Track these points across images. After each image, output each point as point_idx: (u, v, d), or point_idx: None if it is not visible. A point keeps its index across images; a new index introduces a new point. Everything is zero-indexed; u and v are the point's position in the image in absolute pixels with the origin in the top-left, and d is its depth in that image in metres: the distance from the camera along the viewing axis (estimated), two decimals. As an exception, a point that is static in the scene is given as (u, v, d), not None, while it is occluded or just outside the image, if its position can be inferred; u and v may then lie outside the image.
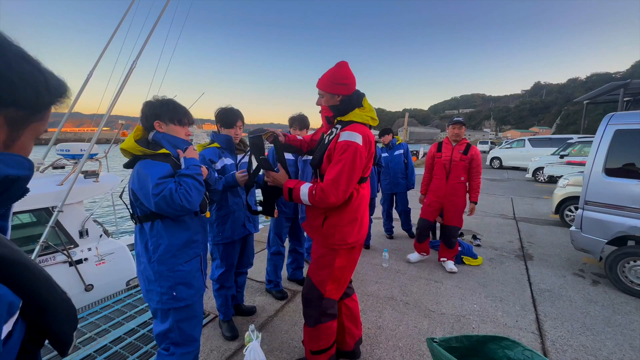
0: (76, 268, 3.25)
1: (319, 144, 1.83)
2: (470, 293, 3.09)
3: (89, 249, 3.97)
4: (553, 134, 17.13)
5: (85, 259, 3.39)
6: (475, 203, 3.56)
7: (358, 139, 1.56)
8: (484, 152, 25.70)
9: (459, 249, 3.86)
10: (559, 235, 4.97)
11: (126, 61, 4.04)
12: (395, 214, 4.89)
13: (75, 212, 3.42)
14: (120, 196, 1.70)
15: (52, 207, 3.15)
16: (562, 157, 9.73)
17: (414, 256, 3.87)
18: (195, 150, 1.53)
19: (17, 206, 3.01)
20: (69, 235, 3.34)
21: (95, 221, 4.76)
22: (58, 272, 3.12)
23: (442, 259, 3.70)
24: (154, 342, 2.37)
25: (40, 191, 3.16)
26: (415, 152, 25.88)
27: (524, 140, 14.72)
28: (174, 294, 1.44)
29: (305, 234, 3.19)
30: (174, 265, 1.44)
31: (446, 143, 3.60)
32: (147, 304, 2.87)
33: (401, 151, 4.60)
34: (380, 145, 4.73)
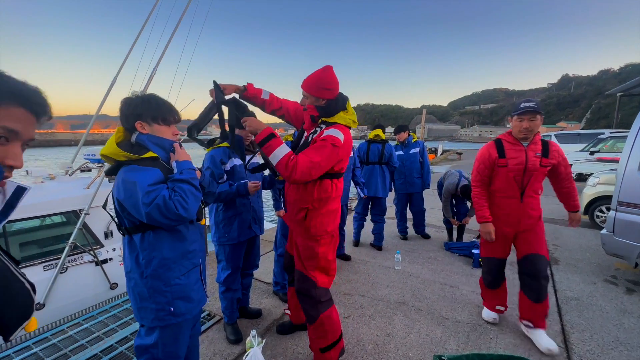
0: (102, 267, 3.37)
1: (300, 139, 1.89)
2: (488, 300, 2.89)
3: (114, 249, 4.26)
4: (582, 129, 16.14)
5: (110, 259, 3.52)
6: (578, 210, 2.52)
7: (340, 136, 1.66)
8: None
9: (477, 251, 3.65)
10: (588, 238, 4.62)
11: (148, 64, 4.32)
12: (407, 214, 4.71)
13: (100, 215, 3.54)
14: (104, 206, 1.60)
15: (80, 210, 3.34)
16: (592, 153, 9.13)
17: (488, 314, 2.59)
18: (183, 149, 1.39)
19: (49, 209, 3.20)
20: (95, 236, 3.48)
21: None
22: (86, 271, 3.28)
23: (525, 322, 2.35)
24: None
25: (69, 195, 3.36)
26: (433, 150, 25.20)
27: (550, 135, 13.94)
28: (172, 309, 1.32)
29: None
30: (170, 279, 1.31)
31: (510, 142, 2.28)
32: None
33: (417, 150, 4.41)
34: (394, 143, 4.55)
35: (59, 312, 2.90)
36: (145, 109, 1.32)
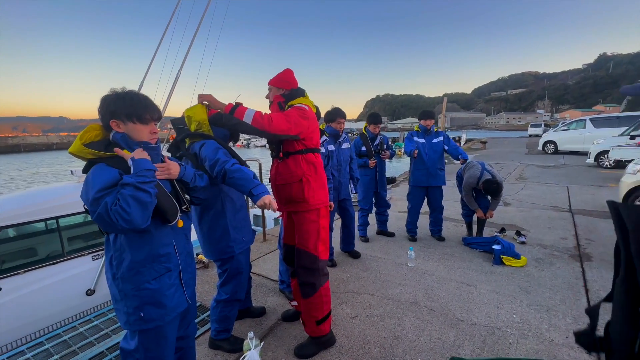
0: None
1: None
2: (509, 300, 2.67)
3: None
4: (622, 112, 14.78)
5: None
6: None
7: (306, 107, 1.97)
8: (537, 135, 23.22)
9: (498, 247, 3.40)
10: (627, 231, 4.19)
11: (172, 67, 4.61)
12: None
13: None
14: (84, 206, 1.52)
15: None
16: (632, 137, 8.34)
17: None
18: (143, 150, 1.27)
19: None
20: None
21: None
22: None
23: None
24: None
25: None
26: (456, 139, 24.18)
27: (585, 120, 12.89)
28: (141, 314, 1.27)
29: None
30: (139, 283, 1.26)
31: None
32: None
33: (440, 139, 4.01)
34: (414, 129, 4.24)
35: (106, 297, 3.22)
36: (118, 107, 1.25)
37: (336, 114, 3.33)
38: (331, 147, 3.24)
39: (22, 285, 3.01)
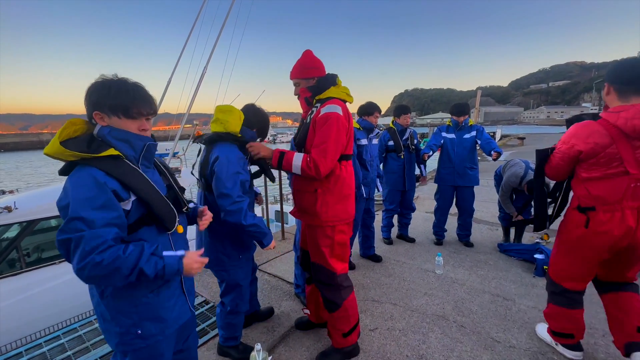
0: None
1: (301, 126, 1.88)
2: (555, 320, 2.32)
3: None
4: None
5: None
6: None
7: (338, 110, 1.66)
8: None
9: (541, 256, 3.01)
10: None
11: (199, 61, 4.77)
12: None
13: None
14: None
15: None
16: None
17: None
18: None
19: None
20: None
21: None
22: None
23: None
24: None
25: None
26: (491, 135, 22.77)
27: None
28: (139, 332, 1.11)
29: None
30: (134, 298, 1.10)
31: None
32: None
33: (473, 134, 3.59)
34: (445, 123, 3.88)
35: None
36: (102, 96, 1.04)
37: (374, 108, 3.18)
38: (365, 141, 3.07)
39: (59, 275, 3.13)
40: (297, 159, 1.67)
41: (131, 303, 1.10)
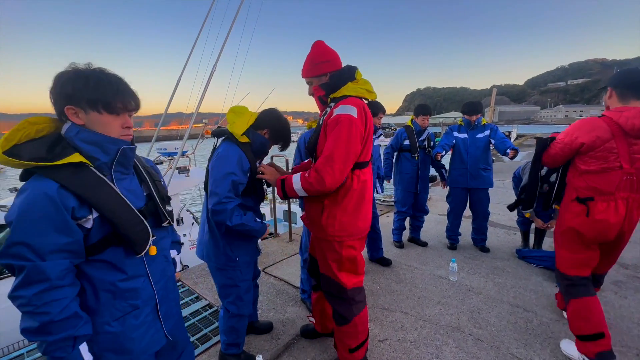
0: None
1: (316, 129, 1.69)
2: (581, 335, 2.13)
3: (184, 235, 5.03)
4: None
5: (182, 243, 3.81)
6: None
7: (352, 111, 1.45)
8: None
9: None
10: None
11: (208, 61, 4.78)
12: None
13: (172, 203, 3.83)
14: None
15: None
16: None
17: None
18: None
19: None
20: None
21: (187, 210, 5.72)
22: None
23: None
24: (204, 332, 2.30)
25: None
26: (507, 134, 22.19)
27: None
28: None
29: None
30: (96, 325, 0.96)
31: None
32: (194, 295, 2.81)
33: (487, 133, 3.41)
34: (457, 123, 3.71)
35: None
36: (78, 88, 0.89)
37: (379, 109, 3.04)
38: None
39: None
40: (296, 181, 1.52)
41: (92, 330, 0.96)
